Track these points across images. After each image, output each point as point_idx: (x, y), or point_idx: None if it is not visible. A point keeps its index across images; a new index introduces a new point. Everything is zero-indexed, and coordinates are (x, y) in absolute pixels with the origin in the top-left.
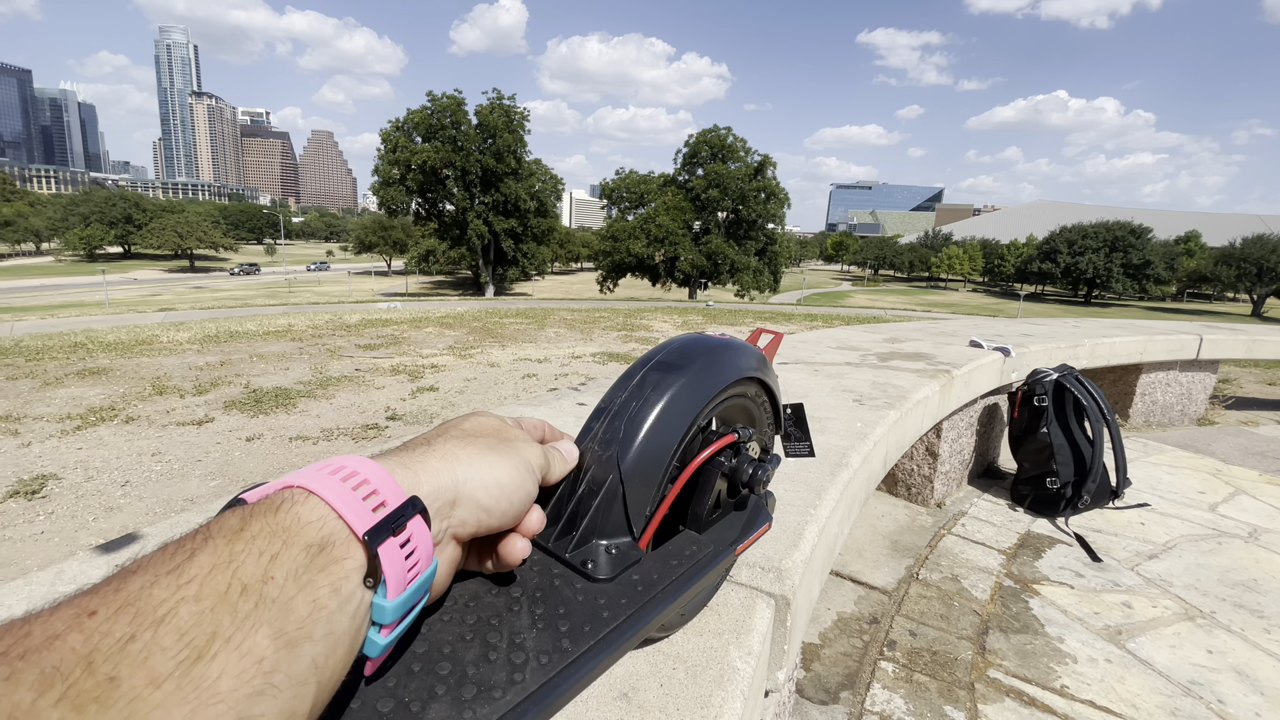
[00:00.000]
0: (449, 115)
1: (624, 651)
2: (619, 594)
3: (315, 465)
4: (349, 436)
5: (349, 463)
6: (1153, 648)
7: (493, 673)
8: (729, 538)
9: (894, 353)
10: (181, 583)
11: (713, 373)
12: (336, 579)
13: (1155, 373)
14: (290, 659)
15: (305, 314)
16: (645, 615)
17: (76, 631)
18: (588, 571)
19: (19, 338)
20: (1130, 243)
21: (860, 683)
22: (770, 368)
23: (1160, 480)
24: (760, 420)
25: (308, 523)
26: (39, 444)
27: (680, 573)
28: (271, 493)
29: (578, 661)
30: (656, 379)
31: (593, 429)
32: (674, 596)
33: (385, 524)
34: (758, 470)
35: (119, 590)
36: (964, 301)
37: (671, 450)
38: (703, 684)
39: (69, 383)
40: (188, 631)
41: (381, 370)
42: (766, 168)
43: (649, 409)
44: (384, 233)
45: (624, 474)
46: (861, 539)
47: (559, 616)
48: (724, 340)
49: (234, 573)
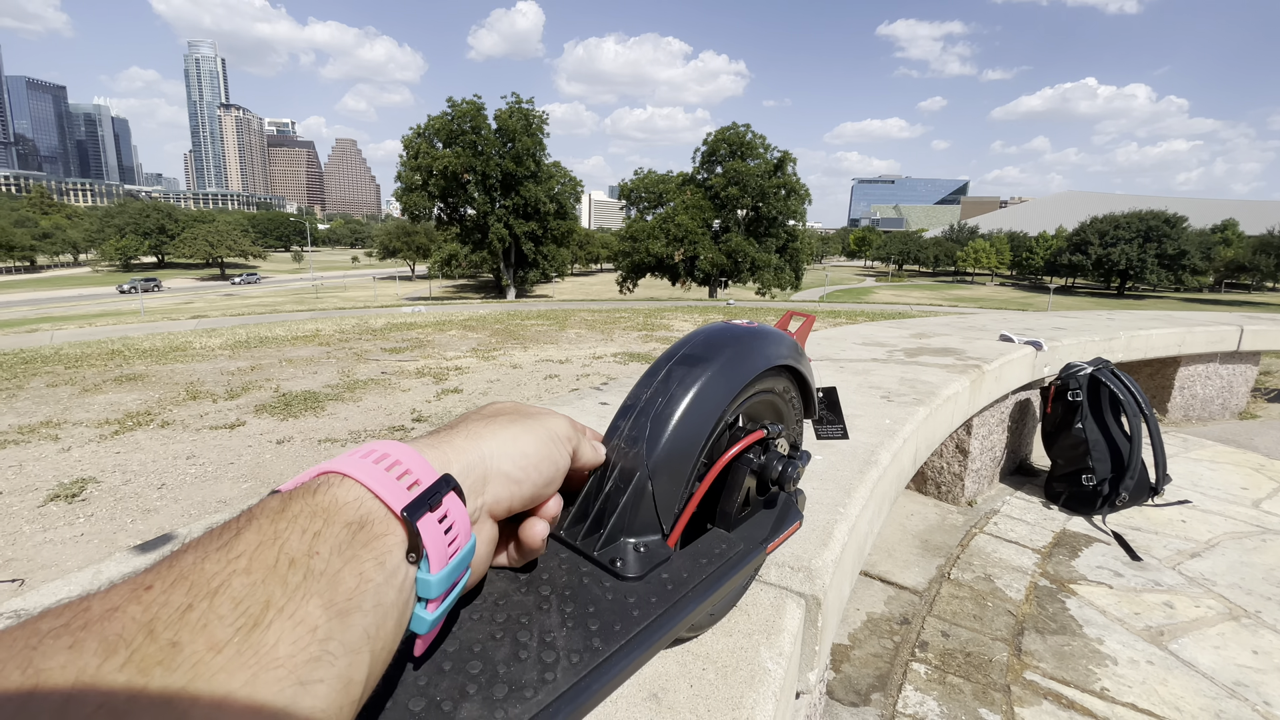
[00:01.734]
0: (469, 120)
1: (655, 651)
2: (649, 593)
3: (347, 452)
4: (376, 438)
5: (379, 446)
6: (1196, 649)
7: (524, 672)
8: (759, 536)
9: (922, 348)
10: (231, 557)
11: (741, 363)
12: (380, 553)
13: (1194, 365)
14: (343, 628)
15: (332, 319)
16: (676, 614)
17: (135, 603)
18: (617, 570)
19: (58, 346)
20: (1165, 232)
21: (892, 684)
22: (803, 354)
23: (1201, 476)
24: (788, 416)
25: (345, 502)
26: (79, 448)
27: (710, 571)
28: (308, 479)
29: (609, 661)
30: (683, 373)
31: (619, 427)
32: (704, 596)
33: (422, 499)
34: (787, 467)
35: (172, 566)
36: (991, 296)
37: (700, 446)
38: (733, 685)
39: (107, 389)
40: (242, 601)
41: (407, 373)
42: (786, 164)
43: (675, 405)
44: (407, 238)
45: (652, 471)
46: (891, 538)
47: (589, 615)
48: (752, 328)
49: (280, 548)
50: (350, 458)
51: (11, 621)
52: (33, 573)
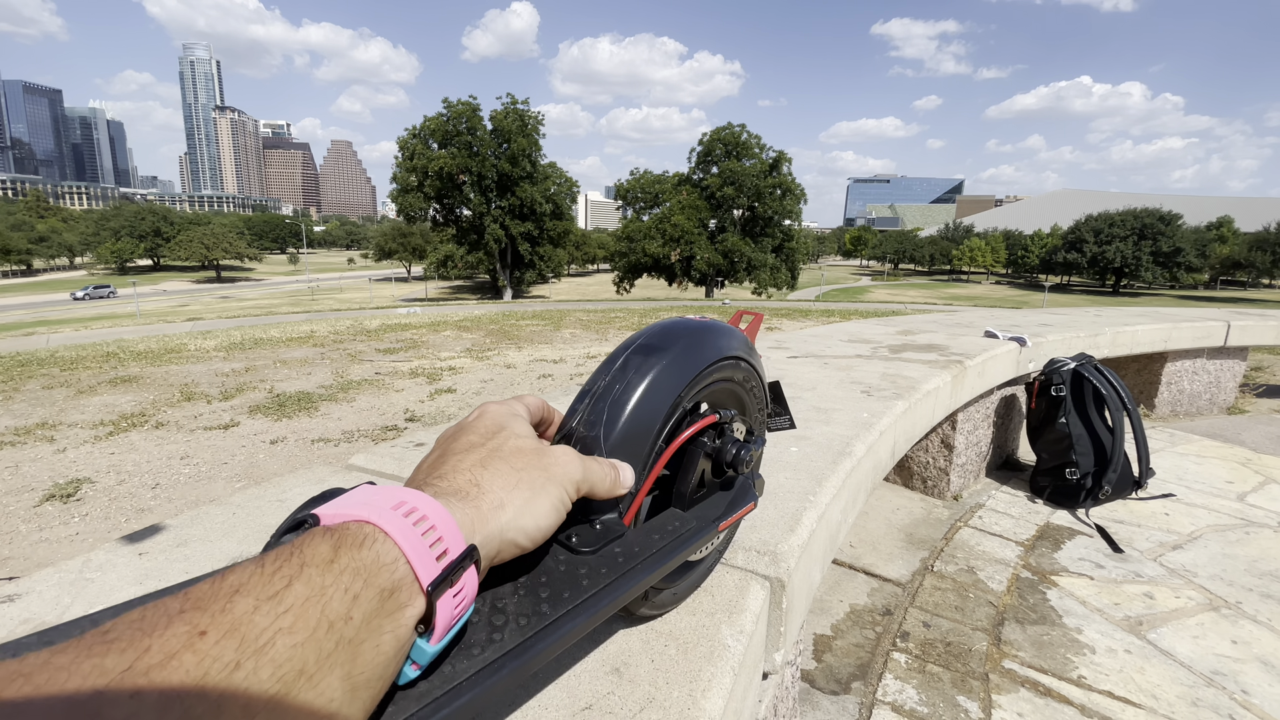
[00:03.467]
0: (464, 121)
1: (601, 617)
2: (600, 564)
3: (382, 495)
4: (369, 438)
5: (415, 501)
6: (1175, 638)
7: (474, 633)
8: (712, 515)
9: (906, 345)
10: (280, 611)
11: (694, 354)
12: (398, 626)
13: (1181, 361)
14: (351, 702)
15: (327, 320)
16: (624, 584)
17: (190, 652)
18: (571, 544)
19: (54, 349)
20: (1159, 230)
21: (872, 673)
22: (753, 349)
23: (1187, 470)
24: (749, 405)
25: (384, 565)
26: (74, 449)
27: (661, 545)
28: (351, 522)
29: (555, 624)
30: (639, 362)
31: (578, 410)
32: (654, 567)
33: (446, 574)
34: (740, 450)
35: (225, 612)
36: (987, 294)
37: (654, 430)
38: (693, 660)
39: (101, 390)
40: (282, 665)
41: (401, 373)
42: (782, 164)
43: (631, 391)
44: (403, 239)
45: (608, 453)
46: (875, 532)
47: (541, 584)
48: (705, 323)
49: (323, 608)
50: (388, 511)
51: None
52: (28, 571)
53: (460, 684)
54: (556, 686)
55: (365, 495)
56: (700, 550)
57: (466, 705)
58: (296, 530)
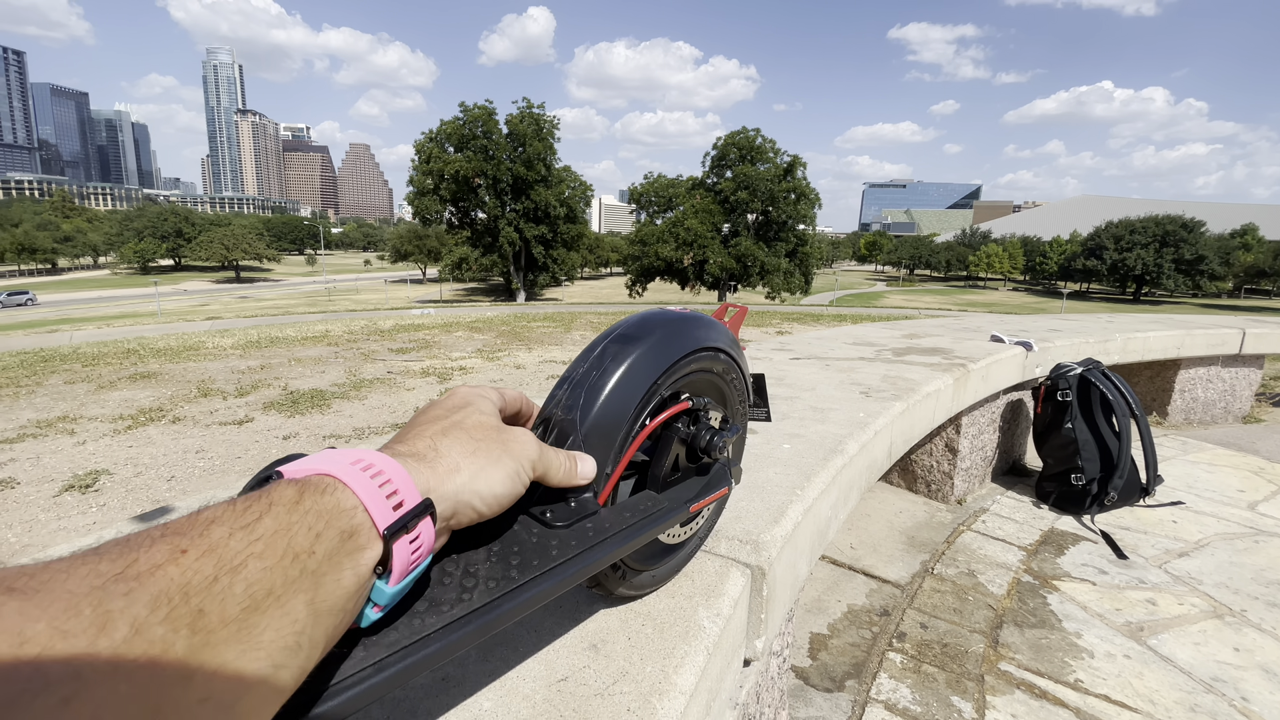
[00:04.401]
0: (480, 125)
1: (567, 584)
2: (570, 537)
3: (341, 454)
4: (379, 435)
5: (373, 460)
6: (1175, 644)
7: (445, 593)
8: (684, 497)
9: (910, 348)
10: (252, 539)
11: (669, 343)
12: (358, 565)
13: (1195, 368)
14: (314, 625)
15: (342, 320)
16: (591, 555)
17: (174, 565)
18: (545, 519)
19: (77, 345)
20: (1182, 237)
21: (867, 672)
22: (735, 341)
23: (1197, 478)
24: (730, 396)
25: (343, 510)
26: (93, 442)
27: (631, 523)
28: (313, 475)
29: (522, 588)
30: (615, 350)
31: (557, 396)
32: (622, 542)
33: (402, 522)
34: (713, 437)
35: (203, 535)
36: (1004, 300)
37: (628, 415)
38: (668, 638)
39: (121, 386)
40: (253, 584)
41: (412, 373)
42: (796, 168)
43: (607, 378)
44: (419, 241)
45: (584, 436)
46: (877, 534)
47: (512, 554)
48: (683, 314)
49: (289, 540)
50: (351, 467)
51: None
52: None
53: (429, 635)
54: (536, 660)
55: (327, 454)
56: (677, 535)
57: (434, 655)
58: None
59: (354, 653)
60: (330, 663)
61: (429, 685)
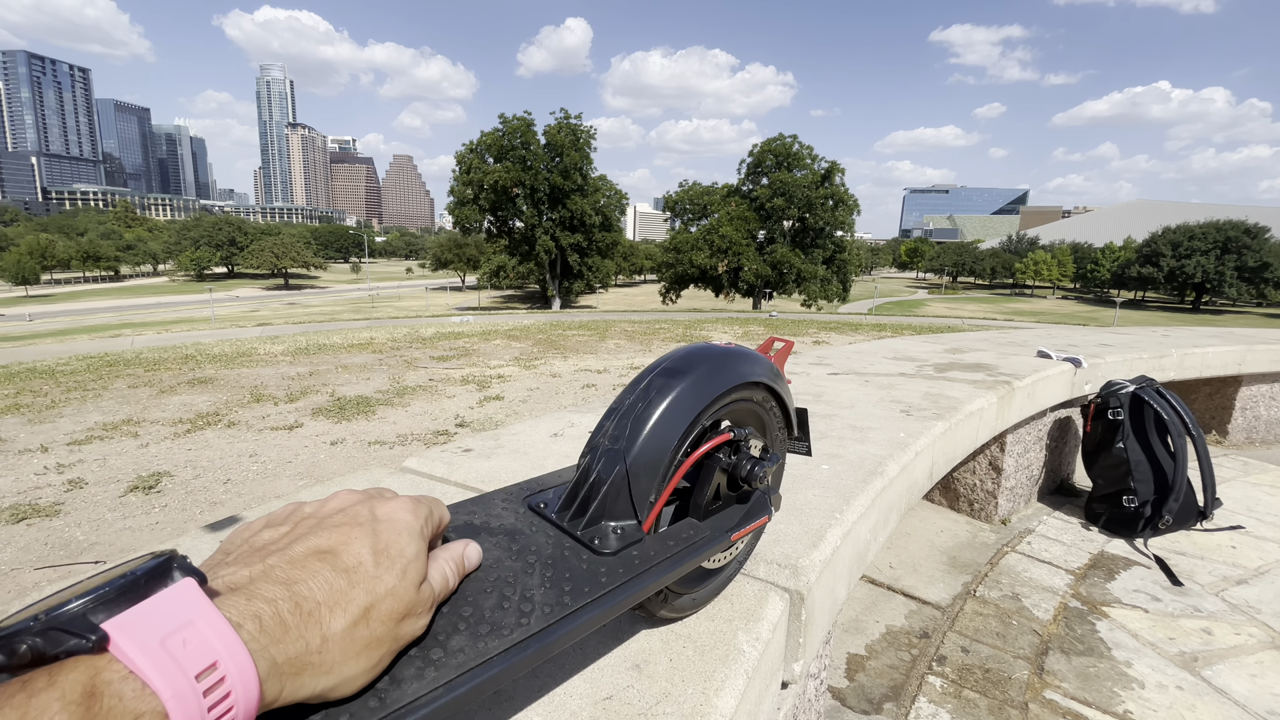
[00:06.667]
0: (519, 136)
1: (616, 611)
2: (618, 565)
3: (147, 612)
4: (421, 441)
5: (198, 625)
6: (1230, 676)
7: (505, 617)
8: (726, 525)
9: (953, 364)
10: None
11: (713, 378)
12: None
13: (1257, 385)
14: None
15: (385, 328)
16: (639, 583)
17: None
18: (594, 547)
19: (139, 350)
20: (1245, 243)
21: (906, 695)
22: (780, 375)
23: (1259, 501)
24: (770, 425)
25: None
26: (155, 445)
27: (675, 551)
28: (128, 679)
29: (575, 614)
30: (661, 383)
31: (605, 426)
32: (667, 570)
33: None
34: (754, 467)
35: None
36: (1052, 309)
37: (673, 446)
38: (709, 661)
39: (180, 391)
40: None
41: (452, 380)
42: (834, 174)
43: (652, 410)
44: (458, 250)
45: (629, 466)
46: (917, 554)
47: (565, 580)
48: (728, 349)
49: None
50: (150, 644)
51: None
52: (112, 556)
53: (492, 658)
54: (581, 678)
55: (181, 633)
56: (718, 559)
57: (497, 676)
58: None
59: (425, 673)
60: (405, 683)
61: (482, 699)
